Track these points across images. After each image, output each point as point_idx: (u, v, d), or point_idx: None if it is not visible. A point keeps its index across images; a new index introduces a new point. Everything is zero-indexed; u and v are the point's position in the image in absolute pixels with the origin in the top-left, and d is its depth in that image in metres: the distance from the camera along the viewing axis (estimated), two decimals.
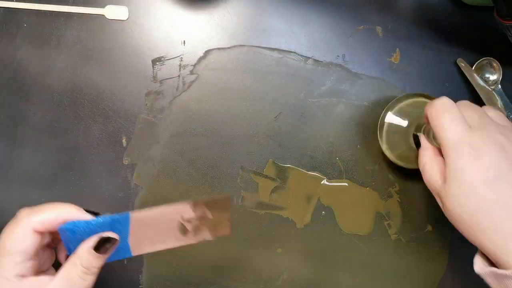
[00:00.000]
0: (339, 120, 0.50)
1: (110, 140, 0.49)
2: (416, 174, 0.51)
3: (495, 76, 0.50)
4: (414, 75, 0.50)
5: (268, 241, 0.50)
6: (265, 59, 0.49)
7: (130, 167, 0.49)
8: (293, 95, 0.49)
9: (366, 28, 0.50)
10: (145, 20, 0.49)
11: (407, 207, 0.50)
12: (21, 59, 0.48)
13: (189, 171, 0.49)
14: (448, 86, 0.50)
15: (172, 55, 0.49)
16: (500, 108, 0.49)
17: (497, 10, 0.42)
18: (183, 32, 0.49)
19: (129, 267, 0.49)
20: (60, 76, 0.48)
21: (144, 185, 0.49)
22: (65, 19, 0.48)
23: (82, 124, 0.48)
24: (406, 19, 0.50)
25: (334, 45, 0.50)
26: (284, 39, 0.49)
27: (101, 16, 0.48)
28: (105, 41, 0.48)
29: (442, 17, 0.50)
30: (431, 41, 0.50)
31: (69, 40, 0.48)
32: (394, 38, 0.50)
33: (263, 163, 0.49)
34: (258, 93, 0.49)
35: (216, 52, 0.49)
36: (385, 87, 0.50)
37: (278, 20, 0.49)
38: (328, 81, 0.50)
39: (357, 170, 0.50)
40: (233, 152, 0.49)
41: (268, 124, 0.49)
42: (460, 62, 0.50)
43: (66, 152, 0.48)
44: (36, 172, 0.48)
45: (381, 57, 0.50)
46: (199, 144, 0.49)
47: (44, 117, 0.48)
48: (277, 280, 0.50)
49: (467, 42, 0.50)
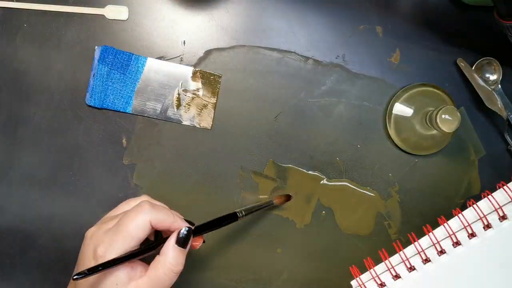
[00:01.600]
0: (339, 120, 0.50)
1: (110, 140, 0.49)
2: (416, 174, 0.51)
3: (495, 76, 0.50)
4: (414, 75, 0.50)
5: (268, 241, 0.50)
6: (265, 59, 0.49)
7: (130, 167, 0.49)
8: (293, 95, 0.49)
9: (366, 28, 0.50)
10: (145, 20, 0.49)
11: (407, 207, 0.50)
12: (21, 59, 0.48)
13: (189, 171, 0.49)
14: (448, 86, 0.50)
15: (172, 55, 0.49)
16: (500, 108, 0.49)
17: (497, 10, 0.42)
18: (183, 32, 0.49)
19: None
20: (60, 76, 0.48)
21: (144, 185, 0.49)
22: (65, 19, 0.48)
23: (82, 124, 0.48)
24: (406, 19, 0.50)
25: (334, 45, 0.50)
26: (284, 39, 0.49)
27: (101, 16, 0.48)
28: (105, 41, 0.48)
29: (442, 17, 0.50)
30: (431, 41, 0.50)
31: (69, 40, 0.48)
32: (394, 38, 0.50)
33: (263, 163, 0.49)
34: (258, 93, 0.49)
35: (216, 52, 0.49)
36: (385, 87, 0.50)
37: (278, 20, 0.49)
38: (328, 81, 0.50)
39: (357, 170, 0.50)
40: (233, 152, 0.49)
41: (268, 124, 0.49)
42: (460, 62, 0.50)
43: (66, 152, 0.48)
44: (36, 172, 0.48)
45: (381, 57, 0.50)
46: (199, 144, 0.49)
47: (44, 117, 0.48)
48: (277, 280, 0.50)
49: (467, 42, 0.50)
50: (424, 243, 0.39)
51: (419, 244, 0.39)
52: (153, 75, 0.48)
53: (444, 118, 0.44)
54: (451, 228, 0.38)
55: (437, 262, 0.38)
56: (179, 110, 0.48)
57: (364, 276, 0.40)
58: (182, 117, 0.49)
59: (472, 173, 0.51)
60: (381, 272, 0.39)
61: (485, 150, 0.51)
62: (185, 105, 0.48)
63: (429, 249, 0.38)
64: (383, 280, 0.39)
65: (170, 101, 0.48)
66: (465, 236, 0.38)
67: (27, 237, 0.49)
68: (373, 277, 0.39)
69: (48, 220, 0.49)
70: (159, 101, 0.48)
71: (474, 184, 0.51)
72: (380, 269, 0.39)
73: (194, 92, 0.48)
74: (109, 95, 0.48)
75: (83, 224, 0.49)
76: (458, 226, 0.38)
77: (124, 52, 0.48)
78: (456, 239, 0.38)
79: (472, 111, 0.51)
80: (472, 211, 0.38)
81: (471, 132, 0.51)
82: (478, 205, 0.38)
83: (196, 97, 0.48)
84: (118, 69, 0.48)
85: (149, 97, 0.48)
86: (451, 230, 0.38)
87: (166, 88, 0.48)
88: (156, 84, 0.48)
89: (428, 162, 0.50)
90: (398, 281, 0.39)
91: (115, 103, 0.48)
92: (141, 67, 0.48)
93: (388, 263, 0.39)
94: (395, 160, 0.50)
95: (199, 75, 0.48)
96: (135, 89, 0.48)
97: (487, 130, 0.51)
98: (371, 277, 0.39)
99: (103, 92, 0.47)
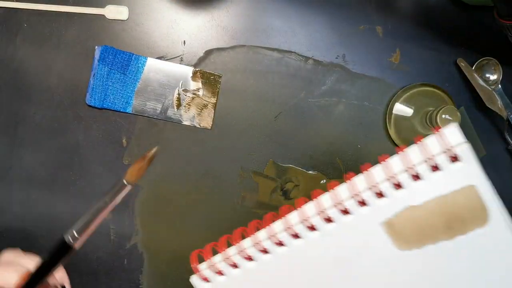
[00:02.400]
0: (339, 120, 0.50)
1: (110, 140, 0.49)
2: None
3: (495, 76, 0.50)
4: (414, 75, 0.50)
5: None
6: (265, 59, 0.49)
7: None
8: (293, 95, 0.49)
9: (366, 28, 0.50)
10: (145, 20, 0.49)
11: None
12: (21, 59, 0.48)
13: (189, 171, 0.49)
14: (448, 86, 0.50)
15: (172, 55, 0.49)
16: (500, 108, 0.49)
17: (497, 10, 0.42)
18: (183, 32, 0.49)
19: (129, 267, 0.49)
20: (60, 76, 0.48)
21: (144, 185, 0.49)
22: (65, 19, 0.48)
23: (82, 124, 0.48)
24: (406, 19, 0.50)
25: (334, 45, 0.50)
26: (284, 39, 0.49)
27: (101, 16, 0.48)
28: (105, 41, 0.48)
29: (442, 17, 0.50)
30: (431, 41, 0.50)
31: (69, 40, 0.48)
32: (394, 38, 0.50)
33: (263, 163, 0.49)
34: (258, 93, 0.49)
35: (216, 52, 0.49)
36: (385, 87, 0.50)
37: (278, 20, 0.49)
38: (328, 81, 0.50)
39: (357, 170, 0.50)
40: (233, 152, 0.49)
41: (268, 124, 0.49)
42: (460, 62, 0.50)
43: (66, 152, 0.48)
44: (36, 172, 0.48)
45: (381, 57, 0.50)
46: (199, 144, 0.49)
47: (44, 117, 0.48)
48: None
49: (467, 42, 0.50)
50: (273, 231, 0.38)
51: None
52: (153, 75, 0.48)
53: (444, 118, 0.44)
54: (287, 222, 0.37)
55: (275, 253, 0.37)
56: (179, 110, 0.48)
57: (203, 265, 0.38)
58: (182, 117, 0.49)
59: None
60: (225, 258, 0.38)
61: (485, 150, 0.51)
62: (185, 105, 0.48)
63: (251, 248, 0.38)
64: (236, 261, 0.38)
65: (170, 101, 0.48)
66: (303, 229, 0.37)
67: (27, 237, 0.49)
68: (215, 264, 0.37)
69: (48, 220, 0.49)
70: (159, 101, 0.48)
71: None
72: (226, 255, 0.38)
73: (194, 92, 0.48)
74: (109, 95, 0.48)
75: None
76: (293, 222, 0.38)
77: (124, 52, 0.48)
78: (295, 232, 0.37)
79: (472, 111, 0.51)
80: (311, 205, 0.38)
81: (471, 132, 0.50)
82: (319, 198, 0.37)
83: (196, 97, 0.48)
84: (118, 69, 0.48)
85: (149, 97, 0.48)
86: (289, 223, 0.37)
87: (166, 88, 0.48)
88: (156, 84, 0.48)
89: None
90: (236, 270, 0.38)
91: (115, 103, 0.48)
92: (141, 67, 0.48)
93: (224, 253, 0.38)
94: None
95: (199, 75, 0.48)
96: (135, 89, 0.48)
97: (487, 130, 0.51)
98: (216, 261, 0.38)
99: (103, 92, 0.47)
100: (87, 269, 0.49)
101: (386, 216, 0.36)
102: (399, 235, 0.37)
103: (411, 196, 0.36)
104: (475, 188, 0.35)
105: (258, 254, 0.38)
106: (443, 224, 0.36)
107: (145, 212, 0.49)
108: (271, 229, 0.37)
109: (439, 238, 0.36)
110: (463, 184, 0.35)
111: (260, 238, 0.37)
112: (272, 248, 0.37)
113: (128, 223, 0.49)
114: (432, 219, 0.36)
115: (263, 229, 0.38)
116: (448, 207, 0.36)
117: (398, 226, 0.37)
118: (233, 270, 0.38)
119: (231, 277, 0.38)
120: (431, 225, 0.36)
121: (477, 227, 0.36)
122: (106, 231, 0.49)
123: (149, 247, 0.49)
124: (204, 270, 0.38)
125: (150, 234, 0.49)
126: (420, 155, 0.35)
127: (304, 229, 0.37)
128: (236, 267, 0.38)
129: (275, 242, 0.37)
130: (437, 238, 0.36)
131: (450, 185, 0.35)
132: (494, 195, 0.36)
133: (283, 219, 0.37)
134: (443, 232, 0.36)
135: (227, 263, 0.38)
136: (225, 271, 0.38)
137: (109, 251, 0.49)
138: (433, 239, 0.36)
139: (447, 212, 0.36)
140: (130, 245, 0.49)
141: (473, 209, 0.36)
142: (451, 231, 0.36)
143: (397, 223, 0.37)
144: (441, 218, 0.36)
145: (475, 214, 0.36)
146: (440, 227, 0.36)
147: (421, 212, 0.36)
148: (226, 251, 0.38)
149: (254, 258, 0.38)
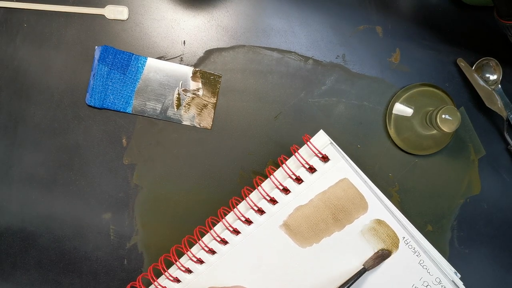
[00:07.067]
0: (339, 120, 0.50)
1: (110, 140, 0.49)
2: (416, 174, 0.51)
3: (495, 76, 0.50)
4: (414, 75, 0.50)
5: None
6: (265, 59, 0.49)
7: (130, 167, 0.49)
8: (293, 95, 0.49)
9: (366, 28, 0.50)
10: (145, 20, 0.49)
11: (407, 207, 0.50)
12: (21, 59, 0.48)
13: (189, 171, 0.49)
14: (448, 86, 0.50)
15: (172, 55, 0.49)
16: (500, 108, 0.49)
17: (497, 10, 0.42)
18: (183, 32, 0.49)
19: (129, 267, 0.49)
20: (60, 76, 0.48)
21: (144, 185, 0.49)
22: (65, 19, 0.48)
23: (82, 124, 0.48)
24: (406, 19, 0.50)
25: (334, 45, 0.50)
26: (284, 39, 0.49)
27: (101, 16, 0.48)
28: (105, 41, 0.48)
29: (442, 17, 0.50)
30: (431, 41, 0.50)
31: (69, 40, 0.48)
32: (394, 38, 0.50)
33: (263, 163, 0.49)
34: (258, 93, 0.49)
35: (216, 52, 0.49)
36: (385, 87, 0.50)
37: (278, 20, 0.49)
38: (328, 81, 0.50)
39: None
40: (233, 152, 0.49)
41: (268, 124, 0.49)
42: (460, 62, 0.50)
43: (66, 152, 0.48)
44: (36, 172, 0.48)
45: (381, 57, 0.50)
46: (199, 144, 0.49)
47: (44, 117, 0.48)
48: None
49: (467, 42, 0.50)
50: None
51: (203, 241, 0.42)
52: (153, 75, 0.48)
53: (444, 118, 0.44)
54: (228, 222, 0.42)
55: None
56: (179, 110, 0.48)
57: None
58: (182, 117, 0.49)
59: (472, 173, 0.51)
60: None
61: (485, 150, 0.51)
62: (185, 105, 0.48)
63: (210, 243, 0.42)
64: (212, 247, 0.43)
65: (170, 101, 0.48)
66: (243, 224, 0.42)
67: (27, 237, 0.49)
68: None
69: (48, 220, 0.49)
70: (159, 101, 0.48)
71: (474, 184, 0.51)
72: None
73: (194, 92, 0.48)
74: (109, 95, 0.48)
75: (83, 224, 0.49)
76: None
77: (124, 52, 0.48)
78: (234, 229, 0.42)
79: (472, 111, 0.51)
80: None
81: (471, 132, 0.51)
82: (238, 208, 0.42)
83: (196, 97, 0.48)
84: (118, 69, 0.48)
85: (149, 97, 0.48)
86: (228, 223, 0.42)
87: (166, 88, 0.48)
88: (156, 84, 0.48)
89: (428, 162, 0.50)
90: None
91: (115, 103, 0.48)
92: (141, 67, 0.48)
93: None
94: (395, 160, 0.50)
95: (199, 75, 0.48)
96: (135, 89, 0.48)
97: (487, 130, 0.51)
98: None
99: (103, 92, 0.47)
100: (87, 269, 0.49)
101: (282, 219, 0.41)
102: (297, 234, 0.42)
103: (298, 198, 0.41)
104: (348, 180, 0.41)
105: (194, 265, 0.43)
106: (331, 217, 0.41)
107: (145, 212, 0.49)
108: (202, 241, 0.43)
109: (332, 230, 0.41)
110: (337, 179, 0.41)
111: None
112: (206, 256, 0.43)
113: (128, 223, 0.49)
114: (320, 214, 0.41)
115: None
116: (330, 201, 0.41)
117: (293, 225, 0.41)
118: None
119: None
120: (321, 219, 0.41)
121: (361, 214, 0.41)
122: (106, 231, 0.49)
123: (149, 247, 0.49)
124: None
125: (150, 234, 0.49)
126: (298, 161, 0.41)
127: (229, 234, 0.42)
128: (179, 281, 0.43)
129: (207, 251, 0.42)
130: (330, 230, 0.41)
131: (327, 182, 0.41)
132: (366, 183, 0.41)
133: (211, 230, 0.43)
134: (333, 224, 0.41)
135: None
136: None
137: (109, 251, 0.49)
138: (327, 232, 0.41)
139: (330, 205, 0.41)
140: (130, 245, 0.49)
141: (352, 198, 0.41)
142: (339, 222, 0.41)
143: (291, 224, 0.42)
144: (327, 212, 0.41)
145: (355, 202, 0.41)
146: (329, 220, 0.41)
147: (309, 210, 0.41)
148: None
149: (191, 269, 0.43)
